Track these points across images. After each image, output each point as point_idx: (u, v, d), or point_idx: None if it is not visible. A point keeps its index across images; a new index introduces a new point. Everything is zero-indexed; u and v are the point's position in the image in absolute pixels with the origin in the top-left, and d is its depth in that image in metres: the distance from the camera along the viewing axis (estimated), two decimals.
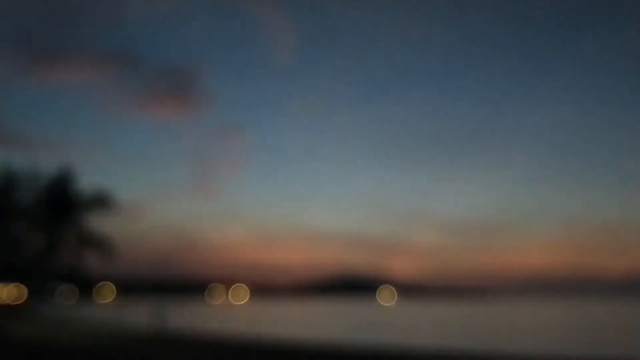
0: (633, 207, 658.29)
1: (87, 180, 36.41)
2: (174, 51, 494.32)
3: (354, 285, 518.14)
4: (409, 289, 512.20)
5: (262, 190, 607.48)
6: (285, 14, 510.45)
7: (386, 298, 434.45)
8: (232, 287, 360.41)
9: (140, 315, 65.64)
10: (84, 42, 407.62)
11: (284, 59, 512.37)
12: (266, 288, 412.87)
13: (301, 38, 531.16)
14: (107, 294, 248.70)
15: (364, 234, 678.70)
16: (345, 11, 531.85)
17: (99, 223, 34.30)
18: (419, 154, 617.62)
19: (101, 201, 33.80)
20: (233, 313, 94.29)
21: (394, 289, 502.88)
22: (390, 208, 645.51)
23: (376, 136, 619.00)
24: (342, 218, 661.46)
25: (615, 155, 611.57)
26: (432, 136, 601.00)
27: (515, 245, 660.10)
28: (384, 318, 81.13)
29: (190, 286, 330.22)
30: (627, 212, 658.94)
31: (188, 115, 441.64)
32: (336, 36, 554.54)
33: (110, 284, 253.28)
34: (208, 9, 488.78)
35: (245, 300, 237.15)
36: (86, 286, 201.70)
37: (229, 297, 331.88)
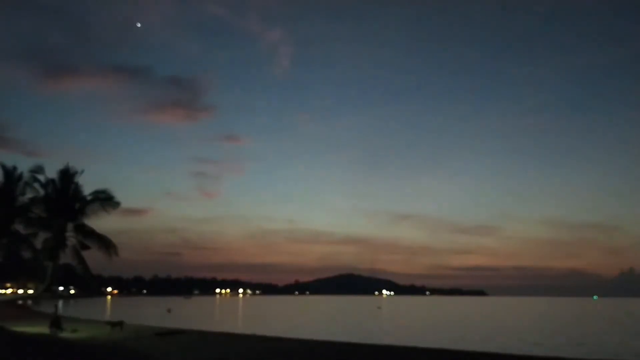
0: (614, 209, 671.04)
1: (94, 184, 36.46)
2: (178, 64, 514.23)
3: (351, 283, 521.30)
4: (404, 287, 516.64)
5: (260, 194, 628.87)
6: (282, 32, 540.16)
7: (382, 295, 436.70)
8: (232, 285, 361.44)
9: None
10: (94, 55, 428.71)
11: (280, 72, 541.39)
12: (265, 286, 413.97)
13: (296, 54, 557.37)
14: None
15: (358, 235, 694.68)
16: (338, 30, 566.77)
17: (100, 222, 34.37)
18: (407, 161, 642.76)
19: (103, 200, 33.78)
20: (232, 310, 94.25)
21: (389, 286, 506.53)
22: (381, 211, 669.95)
23: (367, 144, 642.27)
24: (336, 220, 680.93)
25: (595, 161, 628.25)
26: (420, 144, 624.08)
27: (502, 244, 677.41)
28: (381, 315, 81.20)
29: (192, 284, 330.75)
30: (607, 214, 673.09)
31: (191, 123, 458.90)
32: (329, 53, 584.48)
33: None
34: (210, 26, 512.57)
35: (244, 298, 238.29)
36: (88, 285, 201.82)
37: (229, 295, 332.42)
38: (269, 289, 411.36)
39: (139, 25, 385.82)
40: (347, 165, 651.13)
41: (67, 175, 33.74)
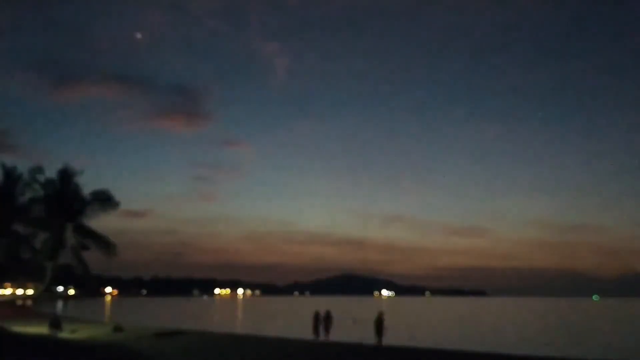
0: (602, 211, 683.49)
1: (97, 186, 36.94)
2: (180, 73, 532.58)
3: (351, 284, 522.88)
4: (403, 287, 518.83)
5: (259, 197, 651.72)
6: (279, 45, 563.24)
7: (382, 296, 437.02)
8: (232, 285, 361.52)
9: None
10: (99, 66, 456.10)
11: (277, 82, 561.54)
12: (264, 287, 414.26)
13: (292, 65, 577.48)
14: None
15: (356, 236, 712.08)
16: (331, 44, 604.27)
17: (102, 223, 34.37)
18: (397, 165, 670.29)
19: (102, 201, 33.74)
20: (233, 310, 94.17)
21: (389, 286, 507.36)
22: (374, 213, 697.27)
23: (360, 150, 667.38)
24: (332, 222, 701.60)
25: (581, 165, 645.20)
26: (409, 150, 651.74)
27: (495, 245, 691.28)
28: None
29: (192, 284, 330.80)
30: (594, 215, 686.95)
31: (191, 129, 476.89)
32: (322, 64, 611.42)
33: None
34: (210, 38, 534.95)
35: (244, 298, 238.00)
36: (88, 285, 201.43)
37: (229, 295, 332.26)
38: (268, 290, 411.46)
39: (139, 36, 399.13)
40: (341, 169, 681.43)
41: (66, 176, 33.68)
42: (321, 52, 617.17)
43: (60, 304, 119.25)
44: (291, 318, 73.03)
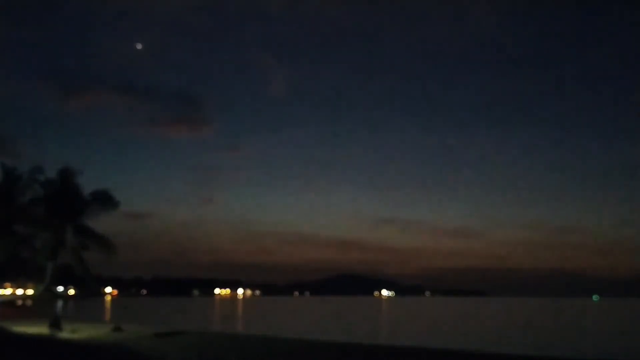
0: (595, 212, 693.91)
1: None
2: (181, 82, 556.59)
3: (351, 284, 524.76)
4: (404, 287, 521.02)
5: (258, 199, 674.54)
6: (276, 55, 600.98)
7: (382, 296, 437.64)
8: (232, 285, 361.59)
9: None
10: (105, 75, 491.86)
11: (275, 91, 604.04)
12: (265, 287, 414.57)
13: (289, 74, 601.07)
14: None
15: (355, 237, 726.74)
16: (326, 55, 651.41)
17: (104, 224, 34.45)
18: (389, 170, 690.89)
19: (102, 200, 33.75)
20: (233, 310, 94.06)
21: (389, 287, 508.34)
22: (376, 215, 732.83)
23: (359, 154, 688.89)
24: (331, 223, 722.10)
25: (574, 166, 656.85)
26: (401, 155, 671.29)
27: (489, 246, 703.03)
28: (380, 315, 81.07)
29: (192, 284, 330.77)
30: (578, 217, 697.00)
31: (193, 135, 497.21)
32: (319, 75, 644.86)
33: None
34: (211, 47, 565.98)
35: (244, 298, 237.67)
36: (88, 285, 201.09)
37: (229, 295, 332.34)
38: (268, 290, 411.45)
39: (140, 47, 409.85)
40: (339, 173, 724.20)
41: (66, 176, 33.67)
42: (316, 62, 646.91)
43: (60, 304, 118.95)
44: (291, 318, 73.04)
